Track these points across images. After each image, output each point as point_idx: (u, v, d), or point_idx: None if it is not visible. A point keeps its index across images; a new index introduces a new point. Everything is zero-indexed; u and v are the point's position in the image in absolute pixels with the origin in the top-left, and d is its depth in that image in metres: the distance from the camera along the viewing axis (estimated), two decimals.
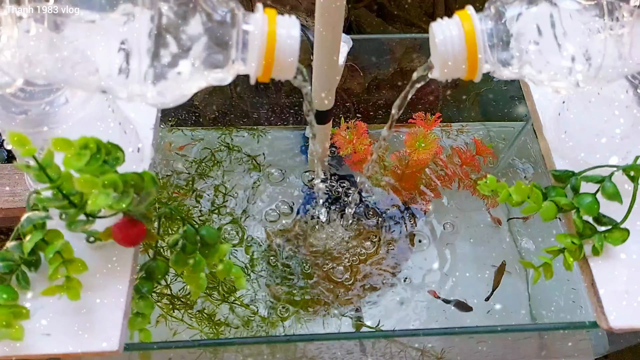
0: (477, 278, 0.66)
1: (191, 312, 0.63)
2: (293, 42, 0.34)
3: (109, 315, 0.38)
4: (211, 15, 0.33)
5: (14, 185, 0.90)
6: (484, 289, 0.65)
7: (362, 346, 0.50)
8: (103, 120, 0.38)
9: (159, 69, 0.33)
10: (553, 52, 0.35)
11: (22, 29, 0.31)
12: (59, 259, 0.37)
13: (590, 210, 0.41)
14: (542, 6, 0.35)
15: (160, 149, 0.72)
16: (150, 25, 0.32)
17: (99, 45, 0.33)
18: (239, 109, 0.79)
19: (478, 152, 0.71)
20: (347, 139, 0.65)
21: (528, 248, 0.68)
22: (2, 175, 0.91)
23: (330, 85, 0.53)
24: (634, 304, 0.41)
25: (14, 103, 0.35)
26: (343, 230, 0.68)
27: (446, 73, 0.36)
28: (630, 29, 0.34)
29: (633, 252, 0.43)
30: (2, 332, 0.35)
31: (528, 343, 0.54)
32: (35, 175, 0.33)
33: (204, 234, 0.43)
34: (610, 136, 0.43)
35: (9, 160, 1.20)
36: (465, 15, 0.35)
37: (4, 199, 0.89)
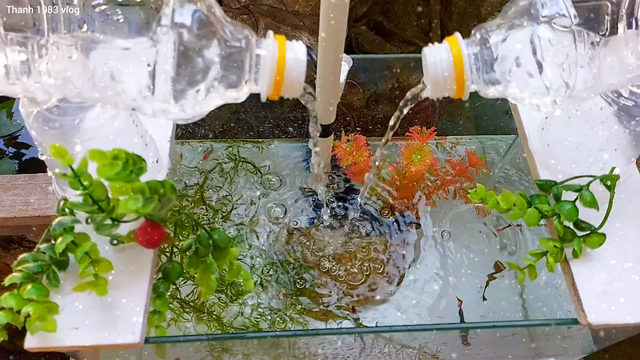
0: (472, 284, 0.70)
1: (200, 315, 0.67)
2: (300, 65, 0.38)
3: (131, 311, 0.42)
4: (228, 41, 0.37)
5: (27, 195, 0.94)
6: (477, 294, 0.68)
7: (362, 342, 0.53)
8: (128, 133, 0.43)
9: (181, 88, 0.37)
10: (533, 74, 0.39)
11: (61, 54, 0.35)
12: (88, 259, 0.41)
13: (570, 216, 0.45)
14: (523, 32, 0.39)
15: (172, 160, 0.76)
16: (173, 49, 0.36)
17: (127, 68, 0.37)
18: (245, 123, 0.84)
19: (471, 164, 0.75)
20: (347, 151, 0.69)
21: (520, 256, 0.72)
22: (15, 185, 0.95)
23: (332, 101, 0.57)
24: (611, 303, 0.45)
25: (51, 118, 0.39)
26: (343, 237, 0.72)
27: (437, 92, 0.40)
28: (599, 55, 0.38)
29: (610, 255, 0.47)
30: (37, 324, 0.39)
31: (519, 342, 0.57)
32: (70, 182, 0.37)
33: (216, 238, 0.47)
34: (588, 149, 0.47)
35: (20, 171, 1.24)
36: (454, 40, 0.40)
37: (17, 208, 0.93)
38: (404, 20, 1.02)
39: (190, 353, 0.58)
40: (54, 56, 0.35)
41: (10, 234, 1.04)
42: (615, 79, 0.40)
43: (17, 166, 1.21)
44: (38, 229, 1.00)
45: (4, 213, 0.93)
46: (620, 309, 0.44)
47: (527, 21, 0.38)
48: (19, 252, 1.10)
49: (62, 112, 0.40)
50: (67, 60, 0.34)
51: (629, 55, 0.39)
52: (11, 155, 1.24)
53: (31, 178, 0.96)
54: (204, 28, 0.36)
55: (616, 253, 0.47)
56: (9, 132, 1.24)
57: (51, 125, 0.39)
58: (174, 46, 0.36)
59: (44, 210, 0.92)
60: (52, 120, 0.39)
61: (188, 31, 0.35)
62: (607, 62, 0.39)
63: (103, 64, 0.37)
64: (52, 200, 0.93)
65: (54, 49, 0.34)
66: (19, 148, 1.24)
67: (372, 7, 0.98)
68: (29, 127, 0.40)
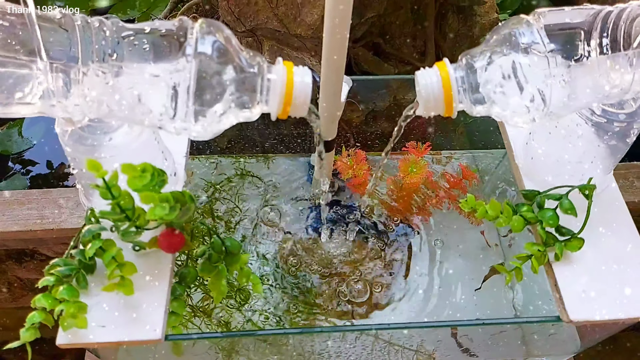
0: (466, 289, 0.74)
1: (209, 320, 0.70)
2: (307, 88, 0.43)
3: (153, 311, 0.46)
4: (242, 67, 0.42)
5: (42, 209, 0.98)
6: (474, 299, 0.72)
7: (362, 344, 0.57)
8: (151, 149, 0.47)
9: (200, 109, 0.42)
10: (514, 95, 0.44)
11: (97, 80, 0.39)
12: (115, 263, 0.45)
13: (551, 222, 0.50)
14: (504, 58, 0.44)
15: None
16: (194, 74, 0.41)
17: (153, 91, 0.41)
18: (250, 139, 0.88)
19: (464, 176, 0.79)
20: (347, 165, 0.74)
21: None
22: (30, 200, 1.00)
23: (334, 119, 0.62)
24: (590, 301, 0.49)
25: (84, 136, 0.43)
26: (344, 246, 0.76)
27: (428, 111, 0.45)
28: (572, 77, 0.43)
29: (589, 258, 0.51)
30: (70, 322, 0.43)
31: (510, 341, 0.61)
32: (102, 192, 0.41)
33: (228, 244, 0.51)
34: (568, 161, 0.52)
35: (32, 187, 1.28)
36: (443, 65, 0.44)
37: (32, 222, 0.97)
38: (400, 41, 1.07)
39: (200, 355, 0.62)
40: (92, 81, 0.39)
41: (24, 247, 1.08)
42: (589, 99, 0.45)
43: (28, 182, 1.26)
44: (51, 242, 1.04)
45: (20, 226, 0.98)
46: (599, 306, 0.48)
47: (507, 48, 0.43)
48: (32, 265, 1.13)
49: (93, 130, 0.45)
50: (103, 85, 0.39)
51: (601, 78, 0.44)
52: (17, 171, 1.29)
53: (45, 193, 1.01)
54: (222, 56, 0.41)
55: (595, 256, 0.51)
56: (20, 149, 1.28)
57: (84, 142, 0.43)
58: (196, 72, 0.40)
59: (58, 223, 0.97)
60: (85, 138, 0.43)
61: (208, 59, 0.40)
62: (581, 84, 0.44)
63: (132, 87, 0.41)
64: (65, 214, 0.98)
65: (91, 75, 0.39)
66: (25, 165, 1.28)
67: (370, 29, 1.03)
68: (63, 144, 0.44)
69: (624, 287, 0.49)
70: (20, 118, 1.25)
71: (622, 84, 0.43)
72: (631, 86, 0.43)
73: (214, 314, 0.70)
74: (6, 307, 1.30)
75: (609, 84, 0.44)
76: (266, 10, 0.91)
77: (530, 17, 0.43)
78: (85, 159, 0.39)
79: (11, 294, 1.26)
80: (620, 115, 0.47)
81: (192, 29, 0.41)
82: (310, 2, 0.89)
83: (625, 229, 0.53)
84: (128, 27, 0.42)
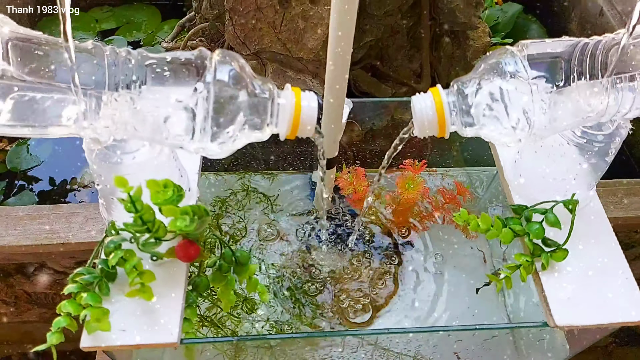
0: (462, 300, 0.77)
1: (215, 329, 0.74)
2: (313, 111, 0.47)
3: (169, 316, 0.50)
4: (255, 92, 0.47)
5: (52, 224, 1.02)
6: (469, 309, 0.76)
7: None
8: (169, 167, 0.51)
9: (216, 131, 0.46)
10: (501, 117, 0.48)
11: (125, 104, 0.44)
12: (135, 271, 0.49)
13: (538, 234, 0.54)
14: (491, 84, 0.48)
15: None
16: (212, 99, 0.45)
17: (173, 114, 0.46)
18: (254, 156, 0.93)
19: (459, 192, 0.83)
20: (348, 181, 0.78)
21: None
22: (41, 215, 1.03)
23: (336, 138, 0.66)
24: (574, 308, 0.53)
25: (109, 155, 0.48)
26: (343, 258, 0.80)
27: (423, 132, 0.50)
28: (554, 101, 0.47)
29: (573, 268, 0.55)
30: (94, 325, 0.46)
31: (502, 348, 0.65)
32: (126, 206, 0.45)
33: (238, 255, 0.55)
34: (553, 178, 0.56)
35: (40, 202, 1.31)
36: (436, 91, 0.49)
37: (43, 236, 1.01)
38: (397, 64, 1.12)
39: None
40: (120, 106, 0.44)
41: (33, 261, 1.10)
42: (569, 121, 0.50)
43: (37, 197, 1.29)
44: (59, 256, 1.07)
45: (31, 241, 1.01)
46: (583, 312, 0.52)
47: (494, 76, 0.48)
48: (40, 279, 1.16)
49: (118, 149, 0.49)
50: (131, 109, 0.43)
51: (579, 103, 0.49)
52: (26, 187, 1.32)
53: (55, 208, 1.04)
54: (237, 83, 0.45)
55: (579, 266, 0.55)
56: (29, 166, 1.32)
57: (110, 160, 0.48)
58: (214, 97, 0.45)
59: (68, 237, 1.00)
60: (110, 156, 0.47)
61: (225, 85, 0.44)
62: (561, 108, 0.49)
63: (155, 111, 0.45)
64: (75, 228, 1.01)
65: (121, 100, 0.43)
66: (29, 181, 1.32)
67: (368, 52, 1.08)
68: (90, 162, 0.48)
69: (605, 295, 0.53)
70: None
71: (598, 108, 0.48)
72: (606, 110, 0.47)
73: (221, 322, 0.73)
74: (11, 321, 1.32)
75: (587, 108, 0.48)
76: (270, 35, 0.96)
77: (514, 48, 0.48)
78: (113, 176, 0.43)
79: (17, 308, 1.28)
80: (599, 136, 0.52)
81: (210, 58, 0.45)
82: (312, 28, 0.94)
83: (607, 241, 0.57)
84: (151, 57, 0.46)
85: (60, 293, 0.50)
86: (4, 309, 1.27)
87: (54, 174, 1.32)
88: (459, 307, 0.75)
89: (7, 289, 1.20)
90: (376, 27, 1.03)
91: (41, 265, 1.16)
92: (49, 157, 1.35)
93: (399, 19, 1.04)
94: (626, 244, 1.19)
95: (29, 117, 0.43)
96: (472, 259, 0.81)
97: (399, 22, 1.05)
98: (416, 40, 1.11)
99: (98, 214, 1.00)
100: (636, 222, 1.06)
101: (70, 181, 1.31)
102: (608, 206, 1.04)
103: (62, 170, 1.32)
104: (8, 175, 1.31)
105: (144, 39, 1.54)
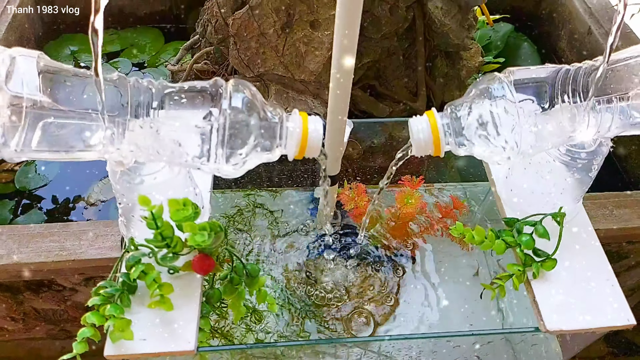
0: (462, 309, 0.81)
1: (225, 340, 0.77)
2: (319, 135, 0.51)
3: (186, 326, 0.53)
4: (266, 117, 0.51)
5: (63, 241, 1.05)
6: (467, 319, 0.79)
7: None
8: (185, 186, 0.55)
9: (230, 152, 0.50)
10: (491, 137, 0.53)
11: (149, 130, 0.48)
12: (155, 284, 0.52)
13: (528, 245, 0.58)
14: (482, 107, 0.53)
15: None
16: (227, 124, 0.49)
17: (190, 138, 0.50)
18: (258, 174, 0.97)
19: (455, 207, 0.87)
20: (349, 197, 0.82)
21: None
22: (52, 233, 1.06)
23: (338, 157, 0.70)
24: (563, 313, 0.56)
25: (132, 175, 0.52)
26: (346, 271, 0.83)
27: (420, 151, 0.54)
28: (539, 122, 0.52)
29: (563, 277, 0.59)
30: (117, 335, 0.50)
31: (500, 353, 0.68)
32: (148, 223, 0.49)
33: (249, 268, 0.59)
34: (541, 192, 0.61)
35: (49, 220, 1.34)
36: (431, 114, 0.53)
37: (54, 254, 1.04)
38: (394, 83, 1.17)
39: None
40: (144, 131, 0.48)
41: (42, 278, 1.13)
42: (554, 141, 0.54)
43: (45, 216, 1.33)
44: (69, 273, 1.10)
45: (43, 258, 1.04)
46: (572, 318, 0.56)
47: (484, 100, 0.52)
48: (48, 295, 1.19)
49: (137, 170, 0.53)
50: (154, 134, 0.47)
51: (564, 123, 0.53)
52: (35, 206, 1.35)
53: (65, 226, 1.08)
54: (250, 109, 0.49)
55: (568, 275, 0.59)
56: (37, 185, 1.36)
57: (132, 181, 0.52)
58: (229, 122, 0.49)
59: (78, 254, 1.03)
60: (133, 178, 0.51)
61: (239, 111, 0.49)
62: (546, 128, 0.53)
63: (174, 135, 0.50)
64: (85, 245, 1.05)
65: (146, 126, 0.47)
66: (32, 200, 1.35)
67: (366, 73, 1.13)
68: (114, 182, 0.52)
69: (592, 301, 0.57)
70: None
71: (580, 128, 0.52)
72: (587, 130, 0.52)
73: (230, 334, 0.77)
74: (19, 337, 1.34)
75: (570, 128, 0.53)
76: (273, 58, 1.01)
77: (502, 75, 0.52)
78: (134, 195, 0.47)
79: (25, 325, 1.30)
80: (582, 153, 0.56)
81: (224, 86, 0.50)
82: (312, 52, 0.99)
83: (593, 250, 0.61)
84: (170, 86, 0.51)
85: (85, 305, 0.53)
86: (12, 326, 1.29)
87: (61, 193, 1.36)
88: (459, 317, 0.79)
89: (17, 305, 1.22)
90: (374, 50, 1.07)
91: (50, 282, 1.18)
92: (56, 177, 1.38)
93: (395, 41, 1.09)
94: (619, 255, 1.23)
95: (58, 143, 0.47)
96: (468, 270, 0.85)
97: (395, 44, 1.10)
98: (412, 61, 1.16)
99: (107, 232, 1.04)
100: (627, 233, 1.10)
101: (76, 199, 1.35)
102: (599, 218, 1.08)
103: (69, 189, 1.36)
104: (17, 194, 1.34)
105: (148, 60, 1.59)
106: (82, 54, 1.60)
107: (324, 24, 0.95)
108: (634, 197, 1.12)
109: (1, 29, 1.38)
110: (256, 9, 0.95)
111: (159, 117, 0.49)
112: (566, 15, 1.59)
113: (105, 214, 1.30)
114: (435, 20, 1.06)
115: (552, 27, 1.66)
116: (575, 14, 1.55)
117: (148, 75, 1.55)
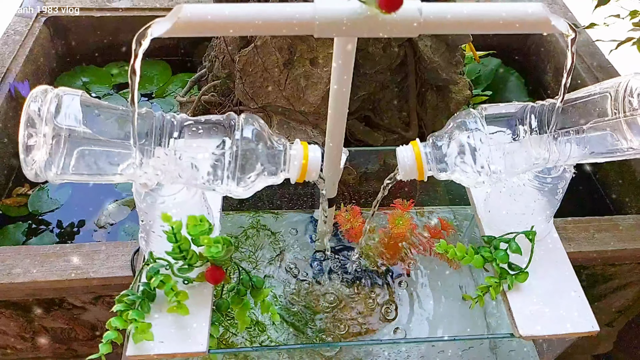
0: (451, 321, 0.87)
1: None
2: (318, 161, 0.59)
3: (199, 330, 0.60)
4: (272, 146, 0.59)
5: (76, 261, 1.11)
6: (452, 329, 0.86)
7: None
8: (199, 205, 0.63)
9: (240, 176, 0.58)
10: (468, 164, 0.60)
11: (173, 156, 0.56)
12: (172, 292, 0.59)
13: (503, 260, 0.65)
14: (459, 138, 0.61)
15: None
16: (240, 151, 0.57)
17: (205, 163, 0.57)
18: (260, 197, 1.04)
19: (443, 228, 0.95)
20: (346, 218, 0.89)
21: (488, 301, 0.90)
22: (66, 252, 1.13)
23: (335, 181, 0.78)
24: (536, 321, 0.63)
25: (155, 197, 0.59)
26: (343, 288, 0.90)
27: (406, 176, 0.62)
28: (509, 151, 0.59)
29: (533, 287, 0.66)
30: (140, 336, 0.57)
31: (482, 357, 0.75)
32: (169, 236, 0.56)
33: (254, 280, 0.66)
34: (515, 213, 0.68)
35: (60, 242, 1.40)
36: (415, 144, 0.61)
37: (68, 272, 1.10)
38: (387, 114, 1.25)
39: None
40: (169, 158, 0.55)
41: (54, 297, 1.18)
42: (523, 167, 0.62)
43: (56, 238, 1.39)
44: (80, 291, 1.16)
45: (57, 276, 1.10)
46: (542, 325, 0.63)
47: (461, 132, 0.60)
48: (58, 314, 1.24)
49: (158, 191, 0.60)
50: (176, 160, 0.55)
51: (531, 151, 0.61)
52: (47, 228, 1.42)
53: (78, 247, 1.14)
54: (259, 139, 0.57)
55: (539, 286, 0.66)
56: (49, 208, 1.42)
57: (155, 201, 0.59)
58: (240, 150, 0.57)
59: (90, 273, 1.10)
60: (155, 198, 0.59)
61: (249, 141, 0.57)
62: (516, 156, 0.61)
63: (192, 160, 0.57)
64: (97, 264, 1.11)
65: (169, 152, 0.55)
66: (39, 224, 1.42)
67: (361, 105, 1.21)
68: (139, 202, 0.60)
69: (561, 310, 0.64)
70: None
71: (544, 156, 0.60)
72: (550, 157, 0.59)
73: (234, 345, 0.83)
74: (25, 357, 1.38)
75: (536, 156, 0.61)
76: (275, 91, 1.09)
77: (475, 111, 0.61)
78: (156, 213, 0.54)
79: (33, 344, 1.35)
80: (548, 179, 0.64)
81: (237, 119, 0.58)
82: (312, 86, 1.08)
83: (562, 265, 0.68)
84: (190, 118, 0.58)
85: (110, 311, 0.60)
86: (21, 345, 1.33)
87: (71, 216, 1.42)
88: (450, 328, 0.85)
89: (27, 324, 1.27)
90: (369, 83, 1.16)
91: (61, 300, 1.23)
92: (67, 201, 1.45)
93: (388, 75, 1.18)
94: (604, 277, 1.29)
95: (92, 167, 0.55)
96: (456, 287, 0.92)
97: (388, 78, 1.19)
98: (404, 94, 1.24)
99: (118, 252, 1.10)
100: (610, 256, 1.16)
101: (85, 223, 1.41)
102: (581, 241, 1.15)
103: (79, 212, 1.42)
104: (30, 217, 1.40)
105: (156, 91, 1.67)
106: (93, 85, 1.69)
107: (323, 61, 1.04)
108: (614, 222, 1.19)
109: (20, 61, 1.47)
110: (260, 48, 1.04)
111: (180, 145, 0.57)
112: (551, 50, 1.70)
113: (114, 236, 1.36)
114: (425, 57, 1.15)
115: (538, 61, 1.76)
116: (560, 49, 1.66)
117: (156, 105, 1.64)
